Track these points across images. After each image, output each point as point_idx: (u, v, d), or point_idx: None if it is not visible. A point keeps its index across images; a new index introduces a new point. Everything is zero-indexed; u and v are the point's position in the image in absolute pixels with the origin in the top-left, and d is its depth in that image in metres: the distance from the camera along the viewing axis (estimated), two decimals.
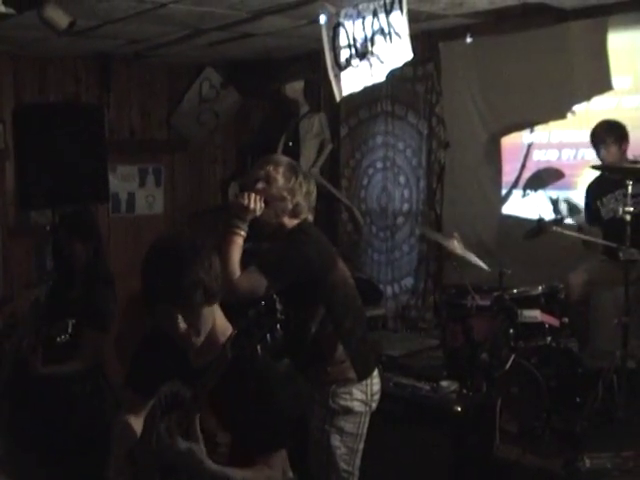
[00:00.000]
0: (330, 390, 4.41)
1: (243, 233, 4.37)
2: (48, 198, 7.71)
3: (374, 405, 4.54)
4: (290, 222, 4.42)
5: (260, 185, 4.37)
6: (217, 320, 3.02)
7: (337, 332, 4.40)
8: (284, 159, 4.56)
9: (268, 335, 2.56)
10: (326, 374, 4.44)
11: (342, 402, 4.41)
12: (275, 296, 2.52)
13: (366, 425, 4.53)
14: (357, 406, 4.44)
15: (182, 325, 2.88)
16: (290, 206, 4.39)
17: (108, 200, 8.50)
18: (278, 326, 2.56)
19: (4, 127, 8.06)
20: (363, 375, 4.46)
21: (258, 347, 2.66)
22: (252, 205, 4.30)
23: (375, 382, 4.55)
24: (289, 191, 4.37)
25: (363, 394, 4.46)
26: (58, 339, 5.03)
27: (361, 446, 4.55)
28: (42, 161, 7.57)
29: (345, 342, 4.41)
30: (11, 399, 5.82)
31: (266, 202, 4.35)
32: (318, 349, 4.44)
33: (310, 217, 4.54)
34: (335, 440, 4.44)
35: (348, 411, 4.43)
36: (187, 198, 9.46)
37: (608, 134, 6.05)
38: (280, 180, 4.37)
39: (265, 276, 4.26)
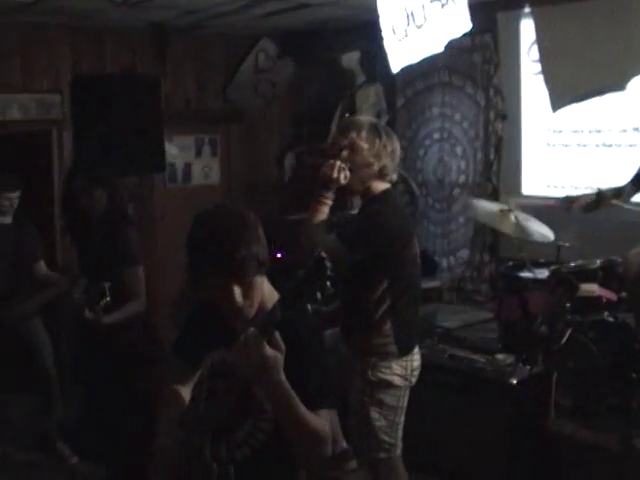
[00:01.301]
0: (370, 362, 4.44)
1: (329, 202, 4.42)
2: (105, 168, 7.74)
3: (414, 380, 4.59)
4: (377, 186, 4.46)
5: (345, 154, 4.39)
6: (264, 288, 3.01)
7: (391, 307, 4.42)
8: (365, 121, 4.56)
9: (318, 293, 2.53)
10: (369, 345, 4.46)
11: (381, 375, 4.45)
12: (323, 254, 2.47)
13: (406, 398, 4.57)
14: (396, 380, 4.48)
15: (239, 297, 2.87)
16: (376, 169, 4.42)
17: (164, 170, 8.52)
18: (328, 283, 2.50)
19: (62, 98, 8.10)
20: (404, 351, 4.50)
21: (308, 306, 2.63)
22: (335, 174, 4.33)
23: (416, 358, 4.58)
24: (375, 156, 4.41)
25: (403, 369, 4.49)
26: (101, 303, 5.08)
27: (402, 419, 4.59)
28: (99, 132, 7.60)
29: (394, 318, 4.43)
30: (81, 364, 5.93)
31: (351, 170, 4.38)
32: (369, 320, 4.46)
33: (394, 176, 4.55)
34: (374, 412, 4.48)
35: (388, 384, 4.47)
36: (243, 168, 9.46)
37: None
38: (365, 146, 4.39)
39: (344, 246, 4.29)
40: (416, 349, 4.61)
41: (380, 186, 4.46)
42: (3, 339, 6.27)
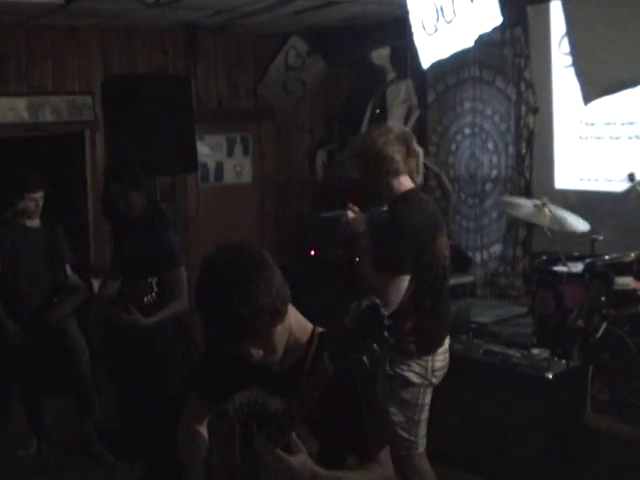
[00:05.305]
0: (389, 357, 4.47)
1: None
2: (137, 169, 7.76)
3: (434, 380, 4.61)
4: (398, 187, 4.50)
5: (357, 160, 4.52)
6: (293, 323, 2.78)
7: (414, 308, 4.45)
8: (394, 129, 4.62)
9: (375, 345, 2.38)
10: (389, 343, 4.48)
11: (399, 370, 4.51)
12: (378, 301, 2.34)
13: (427, 397, 4.60)
14: (413, 377, 4.52)
15: (256, 353, 2.66)
16: (384, 170, 4.46)
17: (197, 170, 8.54)
18: (386, 334, 2.34)
19: (93, 99, 8.17)
20: (424, 352, 4.53)
21: (365, 358, 2.43)
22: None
23: (438, 359, 4.60)
24: (381, 159, 4.45)
25: (422, 369, 4.53)
26: (145, 300, 5.09)
27: (423, 416, 4.61)
28: (131, 132, 7.63)
29: (417, 320, 4.46)
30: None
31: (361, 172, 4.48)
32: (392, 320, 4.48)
33: (419, 179, 4.60)
34: (393, 407, 4.49)
35: (405, 381, 4.50)
36: (275, 167, 9.49)
37: None
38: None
39: (400, 275, 4.36)
40: (441, 349, 4.62)
41: (402, 187, 4.48)
42: (41, 341, 6.31)
